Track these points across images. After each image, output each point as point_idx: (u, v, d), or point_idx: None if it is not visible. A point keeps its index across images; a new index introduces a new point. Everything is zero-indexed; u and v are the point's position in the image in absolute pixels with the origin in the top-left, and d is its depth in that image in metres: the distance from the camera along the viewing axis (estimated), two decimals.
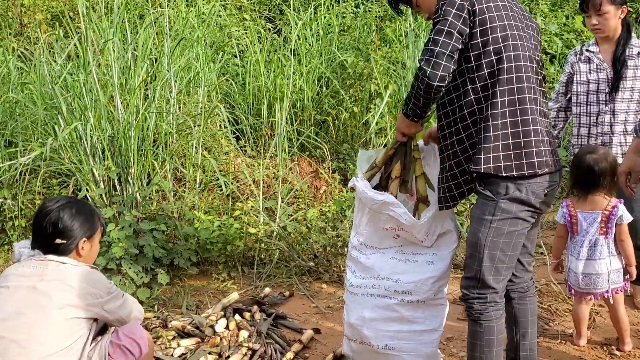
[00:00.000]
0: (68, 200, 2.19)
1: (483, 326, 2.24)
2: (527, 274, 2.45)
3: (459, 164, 2.26)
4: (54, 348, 1.94)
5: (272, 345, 2.90)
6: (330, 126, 5.44)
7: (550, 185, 2.19)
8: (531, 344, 2.46)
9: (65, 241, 2.09)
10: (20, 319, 1.94)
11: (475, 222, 2.23)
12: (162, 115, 4.37)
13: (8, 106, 4.53)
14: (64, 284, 2.01)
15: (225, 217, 4.06)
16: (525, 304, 2.45)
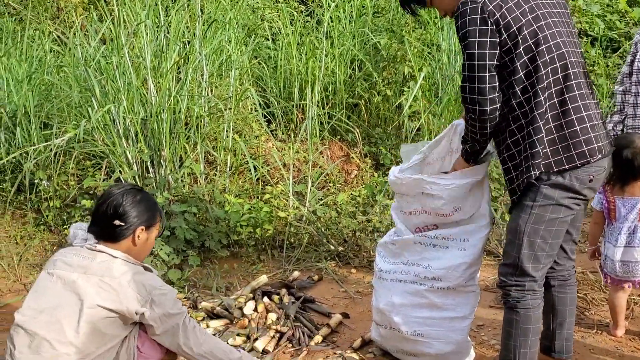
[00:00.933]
0: (133, 187, 2.17)
1: (519, 314, 2.18)
2: (569, 262, 2.38)
3: (507, 171, 2.19)
4: (84, 351, 1.90)
5: (300, 328, 2.90)
6: (363, 110, 5.38)
7: (596, 171, 2.09)
8: (568, 333, 2.40)
9: (124, 224, 2.05)
10: (55, 315, 1.91)
11: (517, 208, 2.16)
12: (193, 98, 4.38)
13: (44, 89, 4.59)
14: (104, 282, 1.95)
15: (255, 201, 4.06)
16: (565, 292, 2.38)
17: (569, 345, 2.42)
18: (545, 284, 2.36)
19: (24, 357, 1.89)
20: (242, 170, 4.56)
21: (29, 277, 3.63)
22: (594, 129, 2.08)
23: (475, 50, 2.01)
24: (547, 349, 2.43)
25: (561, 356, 2.41)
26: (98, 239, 2.09)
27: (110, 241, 2.08)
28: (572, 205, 2.11)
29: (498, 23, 2.01)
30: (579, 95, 2.07)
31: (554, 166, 2.04)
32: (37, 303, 1.96)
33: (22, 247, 3.93)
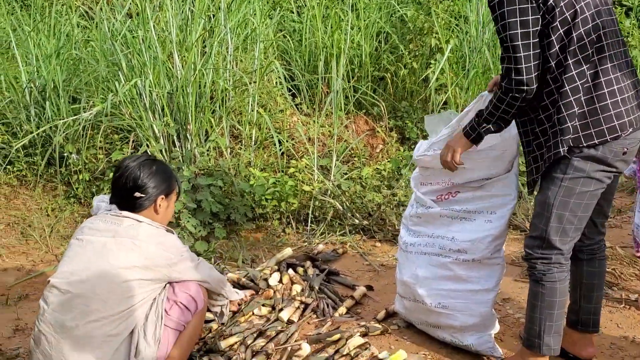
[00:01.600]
0: (148, 157, 2.23)
1: (545, 287, 2.16)
2: (599, 236, 2.34)
3: (539, 146, 2.13)
4: (115, 309, 1.97)
5: (324, 300, 2.92)
6: (389, 83, 5.33)
7: (630, 143, 2.04)
8: (595, 308, 2.37)
9: (144, 195, 2.12)
10: (86, 276, 1.98)
11: (546, 180, 2.12)
12: (219, 71, 4.38)
13: (72, 63, 4.65)
14: (134, 244, 2.03)
15: (280, 175, 4.08)
16: (594, 266, 2.35)
17: (595, 320, 2.39)
18: (574, 257, 2.33)
19: (57, 314, 1.96)
20: (267, 145, 4.57)
21: (60, 248, 3.72)
22: (626, 102, 2.01)
23: (517, 17, 1.94)
24: (574, 322, 2.41)
25: (587, 330, 2.39)
26: (121, 210, 2.14)
27: (133, 211, 2.13)
28: (603, 179, 2.07)
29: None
30: (611, 68, 2.01)
31: (583, 141, 1.99)
32: (69, 266, 2.03)
33: (53, 219, 4.03)
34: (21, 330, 2.77)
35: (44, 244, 3.75)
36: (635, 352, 2.49)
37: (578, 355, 2.41)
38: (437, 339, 2.60)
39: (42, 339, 1.97)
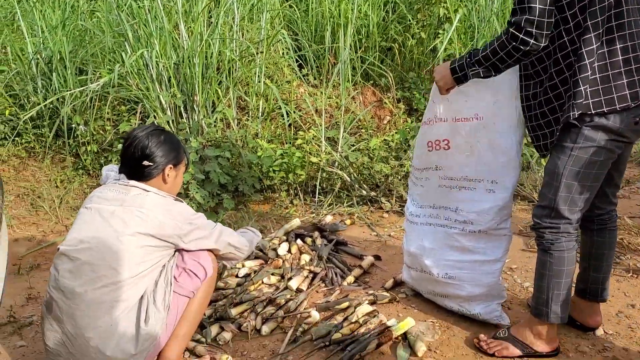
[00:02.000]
0: (156, 128, 2.23)
1: (553, 256, 2.16)
2: (611, 206, 2.32)
3: (553, 111, 2.10)
4: (124, 275, 1.98)
5: (332, 269, 2.95)
6: (396, 53, 5.27)
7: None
8: (603, 277, 2.37)
9: (152, 164, 2.13)
10: (95, 243, 2.00)
11: (556, 149, 2.10)
12: (225, 42, 4.35)
13: (78, 34, 4.62)
14: (141, 212, 2.04)
15: (287, 146, 4.07)
16: (604, 236, 2.34)
17: (603, 289, 2.39)
18: (585, 227, 2.33)
19: (67, 280, 1.99)
20: (274, 116, 4.56)
21: (70, 219, 3.75)
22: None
23: None
24: (582, 291, 2.42)
25: (595, 299, 2.39)
26: (130, 179, 2.15)
27: (140, 180, 2.14)
28: (614, 148, 2.03)
29: None
30: (628, 35, 1.96)
31: (592, 108, 1.96)
32: (78, 234, 2.04)
33: (62, 190, 4.05)
34: (34, 299, 2.82)
35: (53, 214, 3.78)
36: None
37: (585, 323, 2.43)
38: (444, 308, 2.62)
39: (54, 305, 2.00)
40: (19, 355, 2.34)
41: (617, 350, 2.30)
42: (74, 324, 1.95)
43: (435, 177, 2.54)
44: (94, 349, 1.93)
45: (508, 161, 2.36)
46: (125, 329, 1.98)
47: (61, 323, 1.98)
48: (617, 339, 2.38)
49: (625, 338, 2.38)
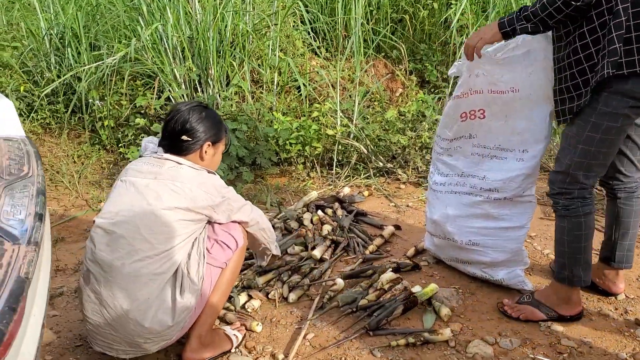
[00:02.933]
0: (199, 104, 2.25)
1: (571, 221, 2.18)
2: (638, 174, 2.33)
3: (582, 72, 2.07)
4: (159, 248, 2.01)
5: (354, 239, 2.98)
6: (408, 25, 5.25)
7: None
8: (630, 244, 2.40)
9: (191, 139, 2.15)
10: (130, 216, 2.02)
11: (573, 115, 2.13)
12: (239, 14, 4.34)
13: (90, 9, 4.60)
14: (175, 184, 2.06)
15: (303, 119, 4.08)
16: (631, 204, 2.35)
17: (629, 256, 2.42)
18: (612, 195, 2.35)
19: (104, 253, 2.02)
20: (288, 89, 4.56)
21: (89, 194, 3.79)
22: None
23: None
24: (607, 258, 2.45)
25: (620, 266, 2.43)
26: (167, 152, 2.17)
27: (179, 154, 2.16)
28: (631, 114, 2.02)
29: None
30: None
31: (625, 67, 1.96)
32: (114, 207, 2.07)
33: (80, 165, 4.08)
34: (62, 271, 2.86)
35: (73, 189, 3.82)
36: None
37: (608, 290, 2.47)
38: (467, 274, 2.67)
39: (91, 277, 2.03)
40: (53, 324, 2.40)
41: (638, 313, 2.34)
42: (112, 296, 1.99)
43: (469, 145, 2.56)
44: (133, 321, 1.97)
45: (540, 130, 2.37)
46: (162, 301, 2.02)
47: (99, 295, 2.01)
48: (638, 303, 2.42)
49: None
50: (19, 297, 0.98)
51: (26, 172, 1.55)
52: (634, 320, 2.30)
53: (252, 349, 2.23)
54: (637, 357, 2.08)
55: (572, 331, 2.24)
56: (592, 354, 2.10)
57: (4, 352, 0.87)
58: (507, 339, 2.20)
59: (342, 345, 2.21)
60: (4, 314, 0.92)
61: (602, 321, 2.31)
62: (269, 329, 2.34)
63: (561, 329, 2.25)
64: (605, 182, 2.35)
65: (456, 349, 2.16)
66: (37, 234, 1.23)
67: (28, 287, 1.03)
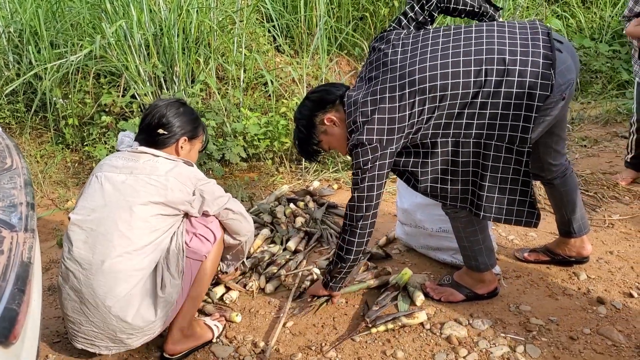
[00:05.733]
0: (177, 100, 2.25)
1: (461, 221, 2.30)
2: (562, 157, 2.48)
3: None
4: (138, 243, 2.01)
5: (327, 230, 3.04)
6: (369, 22, 5.34)
7: (565, 86, 2.01)
8: (581, 213, 2.55)
9: (167, 133, 2.14)
10: (107, 212, 2.01)
11: None
12: (203, 11, 4.33)
13: (49, 7, 4.52)
14: (150, 178, 2.05)
15: (271, 114, 4.12)
16: (567, 184, 2.50)
17: (584, 222, 2.58)
18: (549, 183, 2.49)
19: (81, 251, 2.01)
20: (254, 86, 4.59)
21: (54, 193, 3.73)
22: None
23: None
24: (567, 232, 2.59)
25: (582, 234, 2.58)
26: (143, 146, 2.17)
27: (155, 148, 2.16)
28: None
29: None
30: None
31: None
32: (89, 203, 2.05)
33: (43, 165, 4.01)
34: None
35: (38, 189, 3.75)
36: (619, 264, 2.69)
37: (579, 255, 2.62)
38: (437, 261, 2.76)
39: (70, 275, 2.01)
40: None
41: (600, 291, 2.48)
42: (93, 294, 1.98)
43: None
44: (115, 317, 1.97)
45: None
46: (143, 297, 2.02)
47: (79, 293, 2.00)
48: (599, 282, 2.55)
49: (606, 281, 2.56)
50: (26, 280, 1.00)
51: (10, 165, 1.55)
52: (595, 299, 2.42)
53: (233, 339, 2.27)
54: (600, 331, 2.20)
55: (540, 310, 2.35)
56: (559, 330, 2.21)
57: (19, 331, 0.89)
58: (479, 319, 2.29)
59: (322, 331, 2.26)
60: (14, 296, 0.93)
61: (567, 300, 2.43)
62: (249, 319, 2.38)
63: (529, 308, 2.36)
64: (538, 174, 2.46)
65: (432, 330, 2.25)
66: (32, 221, 1.24)
67: (32, 271, 1.04)
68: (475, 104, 1.94)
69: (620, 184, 3.53)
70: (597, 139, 4.49)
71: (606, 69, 5.83)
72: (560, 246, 2.63)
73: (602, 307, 2.36)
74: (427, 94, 1.95)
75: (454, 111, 1.97)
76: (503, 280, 2.58)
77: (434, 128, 2.02)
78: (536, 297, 2.45)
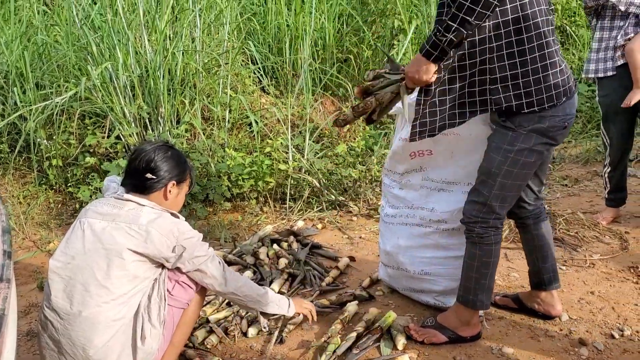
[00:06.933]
0: (164, 143, 2.22)
1: (482, 249, 2.32)
2: (539, 201, 2.52)
3: (471, 94, 2.20)
4: (116, 293, 1.98)
5: (310, 271, 3.04)
6: (353, 64, 5.43)
7: (570, 117, 2.20)
8: (552, 265, 2.56)
9: (155, 178, 2.10)
10: (85, 261, 1.98)
11: (493, 150, 2.26)
12: (188, 53, 4.39)
13: (36, 49, 4.56)
14: (131, 228, 2.01)
15: (256, 154, 4.14)
16: (541, 227, 2.52)
17: (555, 276, 2.57)
18: (522, 224, 2.52)
19: (60, 300, 1.97)
20: (239, 126, 4.62)
21: (37, 234, 3.70)
22: (562, 74, 2.15)
23: None
24: (538, 284, 2.59)
25: (552, 287, 2.57)
26: (131, 192, 2.15)
27: (142, 193, 2.13)
28: (544, 151, 2.23)
29: None
30: (552, 42, 2.14)
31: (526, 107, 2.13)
32: (69, 249, 2.02)
33: (26, 206, 3.98)
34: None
35: (20, 231, 3.72)
36: (601, 305, 2.71)
37: (548, 313, 2.60)
38: (421, 303, 2.76)
39: (49, 325, 1.98)
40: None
41: (581, 332, 2.49)
42: (71, 344, 1.94)
43: (419, 178, 2.67)
44: None
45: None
46: (122, 347, 1.98)
47: (58, 343, 1.97)
48: (580, 323, 2.56)
49: (587, 322, 2.57)
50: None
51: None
52: (577, 340, 2.43)
53: None
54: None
55: (522, 353, 2.35)
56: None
57: None
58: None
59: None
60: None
61: (548, 342, 2.43)
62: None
63: (511, 351, 2.36)
64: (512, 212, 2.48)
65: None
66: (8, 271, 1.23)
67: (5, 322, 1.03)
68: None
69: (601, 223, 3.57)
70: (577, 178, 4.56)
71: (586, 109, 5.95)
72: (530, 299, 2.63)
73: (584, 348, 2.36)
74: None
75: None
76: (485, 321, 2.58)
77: None
78: (519, 339, 2.45)
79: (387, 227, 2.83)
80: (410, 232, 2.71)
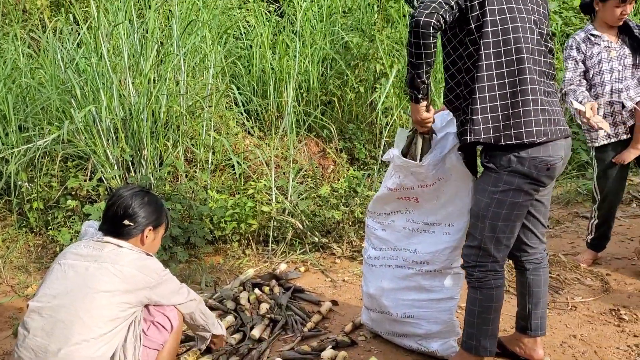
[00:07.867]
0: (141, 189, 2.29)
1: (483, 293, 2.32)
2: (542, 245, 2.51)
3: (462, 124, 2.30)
4: (96, 332, 2.00)
5: (292, 316, 3.00)
6: (336, 106, 5.50)
7: (553, 159, 2.20)
8: (542, 312, 2.55)
9: (133, 224, 2.18)
10: (68, 299, 2.01)
11: (479, 192, 2.29)
12: (173, 97, 4.43)
13: (20, 91, 4.56)
14: (114, 268, 2.07)
15: (239, 196, 4.13)
16: (539, 274, 2.52)
17: (543, 323, 2.57)
18: (521, 267, 2.52)
19: (38, 338, 1.97)
20: (222, 168, 4.63)
21: (15, 279, 3.64)
22: (544, 113, 2.18)
23: None
24: (523, 328, 2.57)
25: (537, 334, 2.56)
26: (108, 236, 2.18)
27: (120, 238, 2.18)
28: (531, 191, 2.23)
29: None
30: (536, 80, 2.19)
31: (502, 139, 2.17)
32: (50, 290, 2.05)
33: (5, 249, 3.92)
34: None
35: None
36: (583, 349, 2.70)
37: (530, 357, 2.58)
38: (404, 348, 2.73)
39: None
40: None
41: None
42: None
43: (403, 219, 2.68)
44: None
45: (464, 204, 2.50)
46: None
47: None
48: None
49: None
50: None
51: None
52: None
53: None
54: None
55: None
56: None
57: None
58: None
59: None
60: None
61: None
62: None
63: None
64: (513, 254, 2.49)
65: None
66: None
67: None
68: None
69: (581, 265, 3.59)
70: (559, 219, 4.60)
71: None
72: (512, 342, 2.61)
73: None
74: None
75: None
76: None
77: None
78: None
79: (370, 270, 2.82)
80: (393, 274, 2.71)
